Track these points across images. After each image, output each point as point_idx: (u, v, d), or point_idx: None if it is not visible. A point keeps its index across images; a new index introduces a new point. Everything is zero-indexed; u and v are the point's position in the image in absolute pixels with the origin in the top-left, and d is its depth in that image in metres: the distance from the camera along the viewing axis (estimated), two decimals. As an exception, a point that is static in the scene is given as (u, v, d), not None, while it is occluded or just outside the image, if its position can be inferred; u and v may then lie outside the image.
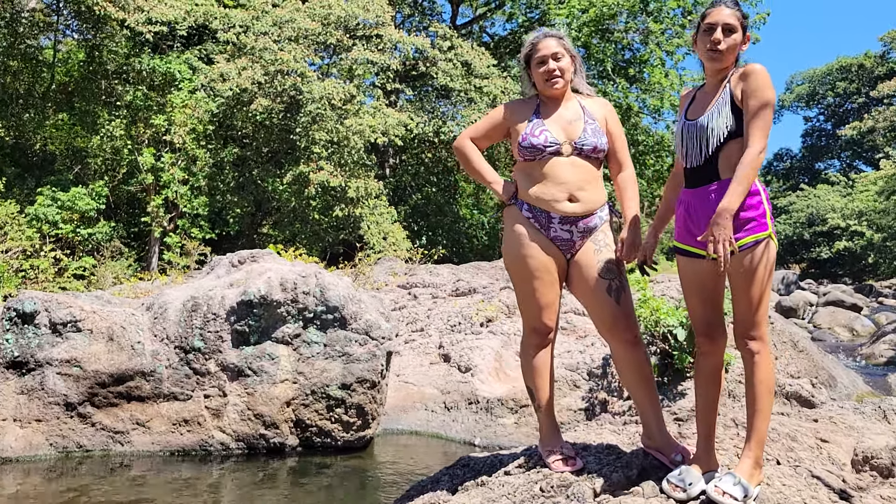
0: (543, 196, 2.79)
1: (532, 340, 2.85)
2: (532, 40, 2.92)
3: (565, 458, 2.67)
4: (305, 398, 5.64)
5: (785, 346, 6.50)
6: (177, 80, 16.49)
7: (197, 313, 5.57)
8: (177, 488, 5.14)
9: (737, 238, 2.44)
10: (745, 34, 2.58)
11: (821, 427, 2.84)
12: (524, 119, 2.89)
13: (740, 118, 2.49)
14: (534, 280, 2.78)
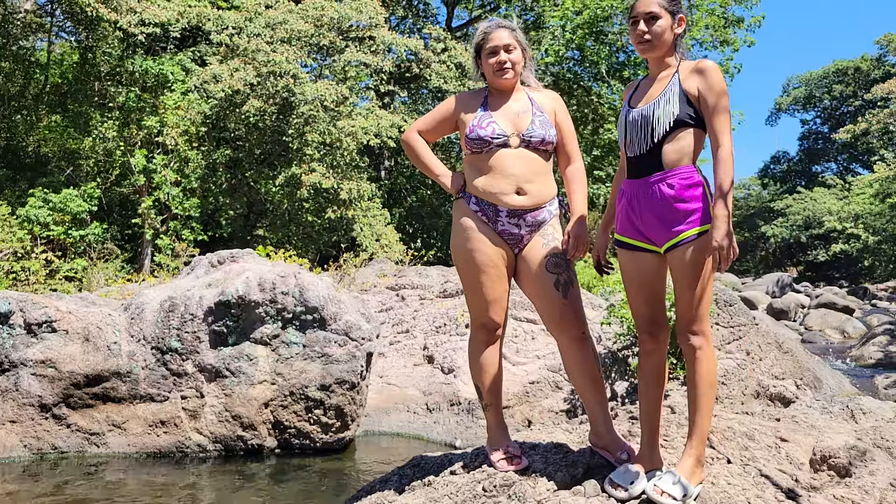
0: (490, 189, 2.75)
1: (479, 336, 2.81)
2: (484, 30, 2.88)
3: (510, 457, 2.62)
4: (284, 399, 5.59)
5: (770, 347, 6.45)
6: (169, 81, 16.46)
7: (174, 314, 5.53)
8: (153, 490, 5.09)
9: (678, 231, 2.40)
10: (677, 17, 2.54)
11: (782, 426, 2.80)
12: (472, 111, 2.85)
13: (688, 110, 2.45)
14: (481, 274, 2.74)
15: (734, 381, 6.00)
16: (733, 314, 6.55)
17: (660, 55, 2.56)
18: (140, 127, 16.11)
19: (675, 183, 2.44)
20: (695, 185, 2.43)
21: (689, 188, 2.43)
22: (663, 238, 2.47)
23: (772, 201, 39.25)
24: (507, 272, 2.79)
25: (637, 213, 2.52)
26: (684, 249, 2.40)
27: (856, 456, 2.40)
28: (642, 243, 2.54)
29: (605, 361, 6.28)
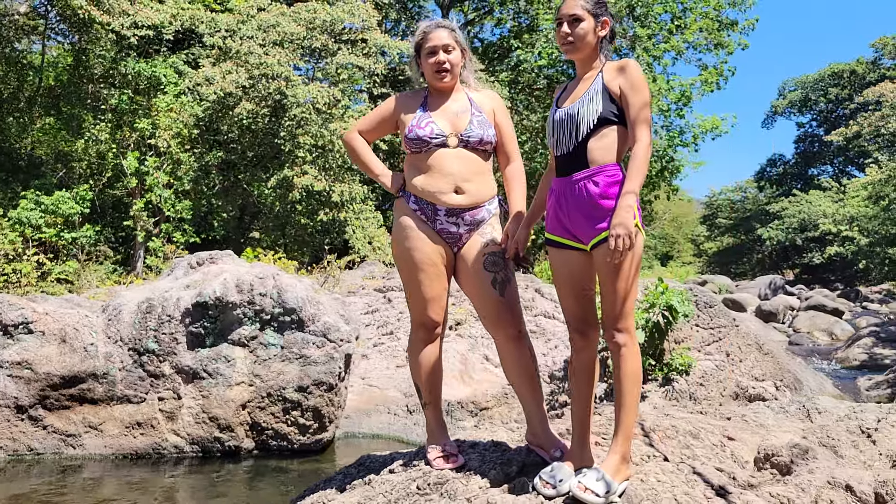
0: (429, 188, 2.77)
1: (419, 335, 2.82)
2: (423, 29, 2.90)
3: (447, 455, 2.63)
4: (261, 401, 5.60)
5: (750, 348, 6.47)
6: (162, 84, 16.49)
7: (151, 315, 5.53)
8: (129, 491, 5.09)
9: (602, 228, 2.43)
10: (601, 20, 2.58)
11: (731, 425, 2.81)
12: (411, 111, 2.87)
13: (612, 108, 2.50)
14: (419, 273, 2.75)
15: (713, 382, 6.01)
16: (713, 316, 6.57)
17: (584, 57, 2.61)
18: (133, 129, 16.13)
19: (599, 180, 2.47)
20: (619, 183, 2.46)
21: (613, 185, 2.46)
22: (589, 235, 2.49)
23: (768, 204, 39.28)
24: (447, 271, 2.81)
25: (565, 211, 2.54)
26: (605, 247, 2.42)
27: (798, 454, 2.40)
28: (570, 241, 2.56)
29: (584, 363, 6.29)
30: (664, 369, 6.00)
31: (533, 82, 20.65)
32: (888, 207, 21.59)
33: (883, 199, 21.91)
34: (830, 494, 2.13)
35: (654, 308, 5.90)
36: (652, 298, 5.92)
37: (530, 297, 8.22)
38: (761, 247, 38.37)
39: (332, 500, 2.48)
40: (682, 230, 45.28)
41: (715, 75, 21.92)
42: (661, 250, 43.06)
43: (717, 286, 19.55)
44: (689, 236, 46.22)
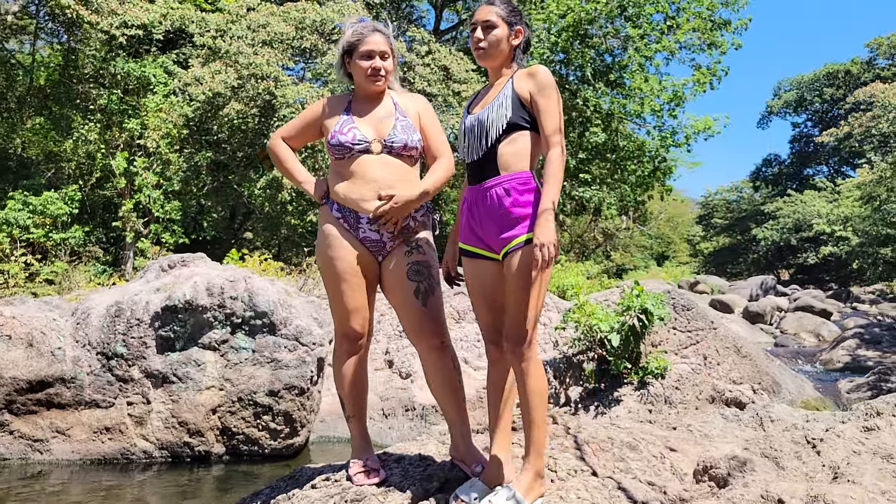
0: (351, 195, 2.71)
1: (342, 346, 2.76)
2: (360, 31, 2.83)
3: (368, 470, 2.58)
4: (232, 405, 5.55)
5: (728, 351, 6.42)
6: (152, 84, 16.44)
7: (120, 318, 5.48)
8: (97, 497, 5.04)
9: (511, 236, 2.38)
10: (515, 28, 2.56)
11: (674, 435, 2.76)
12: (335, 116, 2.82)
13: (522, 113, 2.47)
14: (341, 283, 2.69)
15: (688, 385, 5.96)
16: (690, 318, 6.52)
17: (496, 64, 2.59)
18: (122, 129, 16.08)
19: (510, 187, 2.43)
20: (530, 190, 2.42)
21: (524, 192, 2.41)
22: (500, 244, 2.45)
23: (763, 204, 39.25)
24: (371, 280, 2.74)
25: (477, 219, 2.50)
26: (516, 255, 2.38)
27: (735, 466, 2.35)
28: (483, 251, 2.52)
29: (559, 366, 6.24)
30: (640, 373, 5.96)
31: (525, 83, 20.58)
32: (879, 208, 21.55)
33: (874, 200, 21.87)
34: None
35: (629, 311, 5.86)
36: (627, 301, 5.88)
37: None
38: (756, 247, 38.36)
39: (255, 516, 2.44)
40: (678, 230, 45.23)
41: (708, 76, 21.88)
42: (656, 250, 43.04)
43: (709, 286, 19.49)
44: (685, 236, 46.18)
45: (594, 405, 5.90)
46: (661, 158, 21.75)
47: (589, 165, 21.14)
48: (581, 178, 20.46)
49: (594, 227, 32.68)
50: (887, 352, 8.69)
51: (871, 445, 2.53)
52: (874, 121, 20.41)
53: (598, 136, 19.76)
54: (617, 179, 21.85)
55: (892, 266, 25.43)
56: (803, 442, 2.62)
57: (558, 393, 6.12)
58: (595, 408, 5.89)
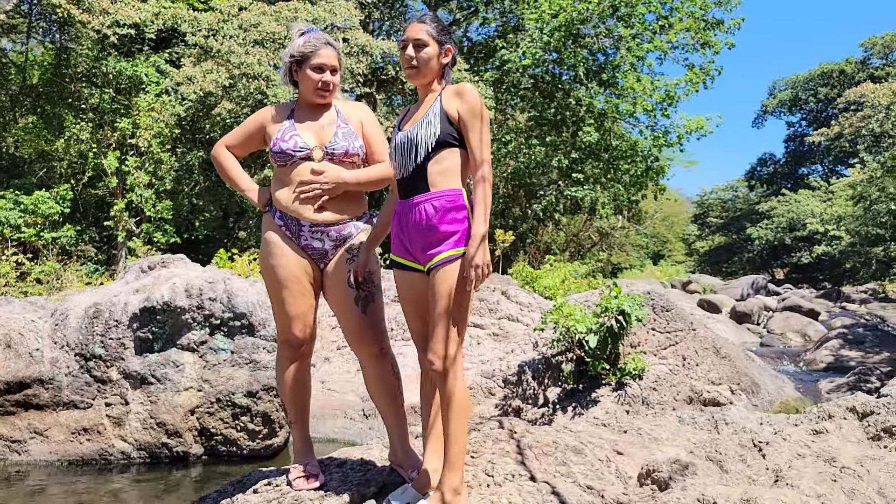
0: (293, 203, 2.73)
1: (284, 352, 2.78)
2: (313, 42, 2.84)
3: (307, 475, 2.61)
4: (210, 406, 5.58)
5: (707, 352, 6.45)
6: (144, 83, 16.44)
7: (98, 320, 5.51)
8: (75, 498, 5.06)
9: (436, 252, 2.42)
10: (445, 47, 2.60)
11: (623, 439, 2.78)
12: (277, 124, 2.84)
13: (450, 130, 2.49)
14: (283, 290, 2.71)
15: (666, 386, 6.00)
16: (670, 319, 6.56)
17: (426, 82, 2.61)
18: (113, 129, 16.09)
19: (438, 205, 2.45)
20: (458, 208, 2.45)
21: (451, 210, 2.44)
22: (426, 258, 2.48)
23: (758, 203, 39.30)
24: (314, 288, 2.77)
25: (406, 233, 2.53)
26: (441, 270, 2.41)
27: (677, 470, 2.38)
28: (412, 263, 2.55)
29: (537, 367, 6.28)
30: (618, 374, 5.99)
31: (517, 82, 20.63)
32: (869, 208, 21.58)
33: (864, 200, 21.89)
34: (696, 513, 2.12)
35: (607, 312, 5.89)
36: (605, 303, 5.91)
37: (495, 299, 8.21)
38: (751, 246, 38.42)
39: (196, 520, 2.47)
40: (673, 229, 45.29)
41: (701, 75, 21.90)
42: (652, 249, 43.11)
43: (701, 286, 19.54)
44: (680, 235, 46.24)
45: (572, 406, 5.93)
46: (654, 158, 21.79)
47: (582, 165, 21.17)
48: (574, 178, 20.49)
49: (589, 226, 32.72)
50: (870, 352, 8.73)
51: (817, 449, 2.56)
52: (864, 121, 20.43)
53: (590, 135, 19.78)
54: (610, 179, 21.88)
55: (884, 265, 25.49)
56: (750, 445, 2.65)
57: (536, 394, 6.15)
58: (573, 408, 5.93)
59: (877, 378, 7.50)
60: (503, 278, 11.64)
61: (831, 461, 2.46)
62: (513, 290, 8.46)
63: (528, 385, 6.19)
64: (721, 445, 2.63)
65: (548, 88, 21.17)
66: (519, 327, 7.66)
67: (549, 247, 27.38)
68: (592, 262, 25.59)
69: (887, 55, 36.11)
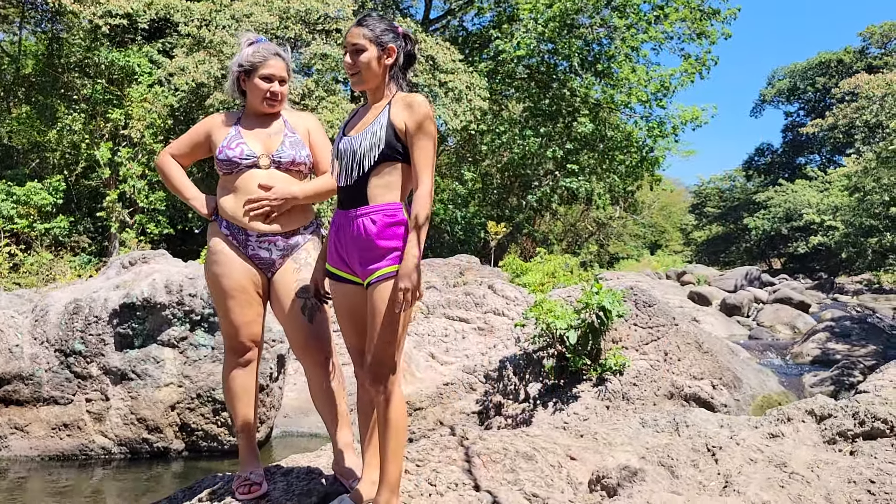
0: (239, 212, 2.72)
1: (230, 361, 2.79)
2: (262, 52, 2.84)
3: (251, 484, 2.63)
4: (191, 402, 5.60)
5: (689, 347, 6.47)
6: (136, 73, 16.38)
7: (78, 316, 5.52)
8: (56, 494, 5.09)
9: (376, 268, 2.37)
10: (388, 47, 2.50)
11: (576, 444, 2.79)
12: (223, 131, 2.82)
13: (395, 144, 2.42)
14: (228, 300, 2.71)
15: (646, 382, 6.02)
16: (652, 315, 6.57)
17: (372, 87, 2.53)
18: (106, 119, 16.05)
19: (377, 219, 2.39)
20: (398, 223, 2.39)
21: (391, 226, 2.39)
22: (364, 273, 2.43)
23: (755, 193, 39.27)
24: (261, 297, 2.78)
25: (343, 243, 2.48)
26: (380, 286, 2.36)
27: (625, 477, 2.39)
28: (349, 275, 2.50)
29: (518, 363, 6.29)
30: (598, 369, 6.01)
31: (512, 72, 20.57)
32: (864, 199, 21.55)
33: (859, 191, 21.86)
34: (639, 522, 2.13)
35: (587, 308, 5.91)
36: (585, 299, 5.92)
37: (482, 293, 8.22)
38: (748, 236, 38.42)
39: (143, 527, 2.49)
40: (670, 219, 45.28)
41: (697, 66, 21.83)
42: (650, 239, 43.12)
43: (695, 277, 19.54)
44: (678, 225, 46.22)
45: (552, 402, 5.95)
46: (649, 149, 21.76)
47: (577, 156, 21.14)
48: (569, 169, 20.47)
49: (586, 216, 32.72)
50: (856, 345, 8.75)
51: (770, 453, 2.56)
52: (858, 112, 20.39)
53: (585, 126, 19.75)
54: (606, 170, 21.87)
55: (880, 256, 25.51)
56: (703, 450, 2.66)
57: (517, 389, 6.17)
58: (553, 404, 5.95)
59: (860, 372, 7.53)
60: (493, 271, 11.64)
61: (782, 466, 2.47)
62: (499, 284, 8.47)
63: (509, 380, 6.21)
64: (674, 450, 2.63)
65: (543, 79, 21.12)
66: (504, 321, 7.67)
67: (545, 237, 27.38)
68: (584, 253, 25.55)
69: (885, 45, 36.00)
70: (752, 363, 7.43)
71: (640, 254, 38.30)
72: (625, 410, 5.91)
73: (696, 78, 21.45)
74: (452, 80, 18.08)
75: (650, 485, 2.35)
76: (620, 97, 20.95)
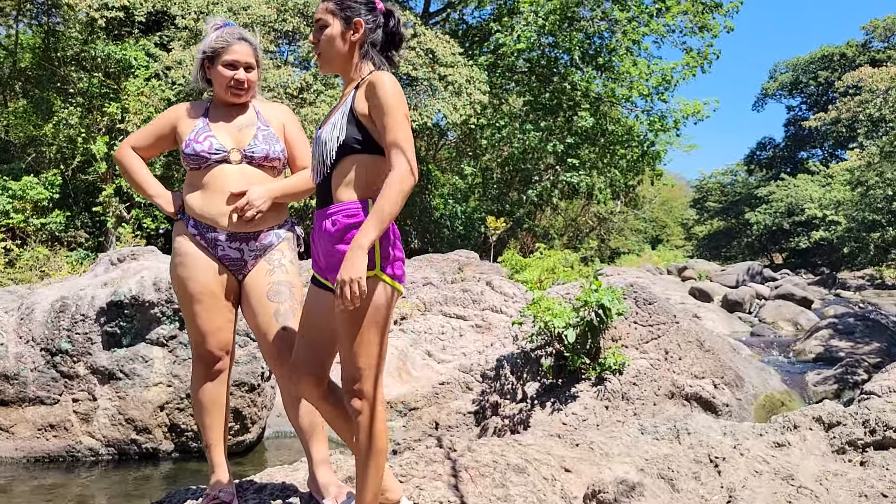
0: (209, 210, 2.54)
1: (198, 370, 2.61)
2: (225, 38, 2.67)
3: (220, 502, 2.49)
4: (180, 402, 5.47)
5: (690, 345, 6.33)
6: (133, 67, 16.24)
7: (65, 314, 5.39)
8: (41, 495, 4.97)
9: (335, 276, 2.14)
10: (353, 21, 2.22)
11: (571, 454, 2.65)
12: (190, 123, 2.65)
13: (356, 133, 2.18)
14: (195, 304, 2.54)
15: (646, 381, 5.89)
16: (652, 313, 6.44)
17: (340, 69, 2.28)
18: (103, 113, 15.92)
19: (337, 220, 2.17)
20: (357, 226, 2.12)
21: (351, 228, 2.14)
22: (330, 279, 2.21)
23: (757, 188, 39.08)
24: (232, 300, 2.62)
25: (317, 246, 2.28)
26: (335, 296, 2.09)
27: (623, 491, 2.26)
28: (324, 280, 2.29)
29: (516, 361, 6.16)
30: (597, 368, 5.88)
31: (512, 66, 20.41)
32: (866, 193, 21.36)
33: (862, 185, 21.68)
34: (636, 541, 2.00)
35: (586, 306, 5.77)
36: (584, 297, 5.79)
37: (479, 290, 8.08)
38: (750, 231, 38.26)
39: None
40: (672, 214, 45.10)
41: (699, 59, 21.67)
42: (651, 234, 42.97)
43: (697, 272, 19.40)
44: (679, 220, 46.04)
45: (550, 401, 5.82)
46: (650, 143, 21.61)
47: (577, 150, 20.99)
48: (569, 163, 20.32)
49: (587, 210, 32.60)
50: (859, 342, 8.61)
51: (776, 465, 2.43)
52: (862, 106, 20.22)
53: (586, 120, 19.60)
54: (606, 164, 21.72)
55: (882, 251, 25.35)
56: (706, 461, 2.52)
57: (515, 389, 6.04)
58: (551, 404, 5.82)
59: (864, 370, 7.39)
60: (492, 266, 11.51)
61: (789, 479, 2.33)
62: (497, 281, 8.33)
63: (506, 380, 6.08)
64: (674, 462, 2.50)
65: (543, 72, 20.95)
66: (502, 319, 7.54)
67: (546, 231, 27.25)
68: (585, 248, 25.40)
69: (888, 38, 35.75)
70: (755, 361, 7.31)
71: (641, 249, 38.16)
72: (624, 410, 5.78)
73: (697, 72, 21.30)
74: (452, 73, 17.92)
75: (649, 500, 2.22)
76: (622, 91, 20.80)
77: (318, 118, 15.42)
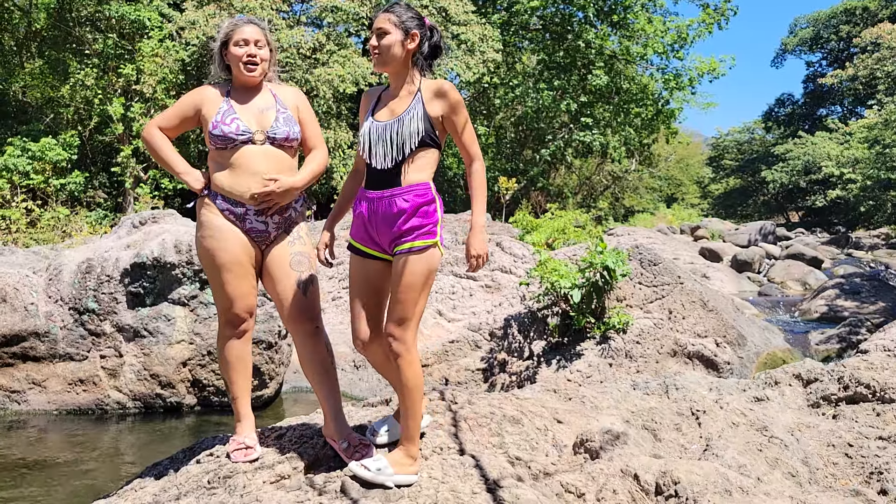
0: (237, 187, 2.77)
1: (225, 332, 2.86)
2: (234, 23, 2.88)
3: (244, 447, 2.72)
4: (202, 358, 5.74)
5: (694, 305, 6.51)
6: (147, 27, 16.30)
7: (91, 275, 5.64)
8: (74, 446, 5.28)
9: (405, 241, 2.53)
10: (411, 33, 2.59)
11: (564, 407, 2.85)
12: (214, 106, 2.84)
13: (432, 132, 2.58)
14: (224, 273, 2.78)
15: (649, 340, 6.08)
16: (657, 273, 6.60)
17: (394, 71, 2.64)
18: (118, 75, 16.06)
19: (409, 199, 2.55)
20: (429, 202, 2.56)
21: (424, 205, 2.54)
22: (394, 245, 2.58)
23: (775, 145, 38.61)
24: (255, 269, 2.85)
25: (373, 224, 2.60)
26: (408, 258, 2.52)
27: (608, 440, 2.46)
28: (375, 251, 2.65)
29: (523, 321, 6.37)
30: (602, 327, 6.07)
31: (526, 24, 20.24)
32: (883, 152, 21.13)
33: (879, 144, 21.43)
34: (617, 483, 2.19)
35: (592, 268, 5.95)
36: (590, 258, 5.96)
37: (489, 251, 8.26)
38: (766, 189, 37.96)
39: (144, 488, 2.59)
40: (687, 172, 44.75)
41: (716, 16, 21.36)
42: (665, 192, 42.71)
43: (709, 231, 19.40)
44: (694, 178, 45.70)
45: (556, 359, 6.04)
46: (665, 101, 21.45)
47: (591, 109, 20.89)
48: (583, 122, 20.26)
49: (601, 169, 32.46)
50: (865, 302, 8.74)
51: (753, 417, 2.62)
52: (880, 63, 19.89)
53: (600, 78, 19.47)
54: (621, 123, 21.61)
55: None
56: (688, 413, 2.72)
57: (522, 347, 6.26)
58: (557, 362, 6.04)
59: (867, 330, 7.54)
60: (503, 227, 11.66)
61: (763, 430, 2.52)
62: (507, 241, 8.51)
63: (513, 338, 6.30)
64: (658, 414, 2.70)
65: (557, 30, 20.77)
66: (511, 279, 7.73)
67: (560, 191, 27.24)
68: (596, 210, 25.40)
69: (913, -9, 34.90)
70: (758, 320, 7.47)
71: (655, 207, 37.96)
72: (627, 368, 5.99)
73: (714, 28, 21.02)
74: (465, 31, 17.84)
75: (632, 447, 2.42)
76: (636, 49, 20.60)
77: (330, 79, 15.48)
